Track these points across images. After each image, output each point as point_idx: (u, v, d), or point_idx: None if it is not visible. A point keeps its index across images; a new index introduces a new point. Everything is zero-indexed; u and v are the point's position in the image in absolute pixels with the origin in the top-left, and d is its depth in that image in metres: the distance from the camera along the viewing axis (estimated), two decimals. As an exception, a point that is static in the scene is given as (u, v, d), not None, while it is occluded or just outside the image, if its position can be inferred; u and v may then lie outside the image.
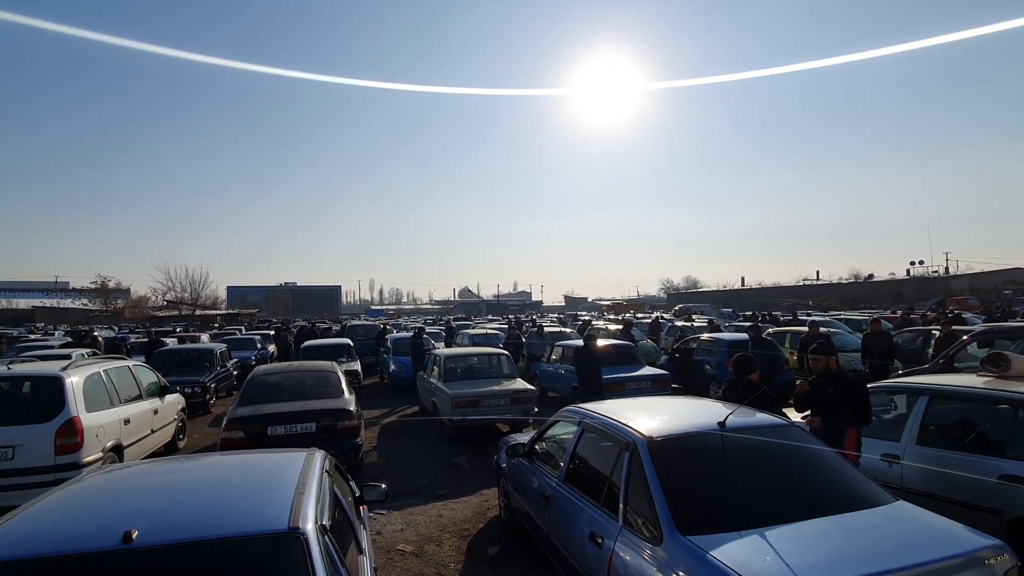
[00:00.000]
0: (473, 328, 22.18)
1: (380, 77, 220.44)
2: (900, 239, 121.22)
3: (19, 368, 6.43)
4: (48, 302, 71.41)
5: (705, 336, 13.22)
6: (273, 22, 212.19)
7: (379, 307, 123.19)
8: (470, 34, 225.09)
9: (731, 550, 2.55)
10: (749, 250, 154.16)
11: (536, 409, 9.01)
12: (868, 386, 4.83)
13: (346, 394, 7.43)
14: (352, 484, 3.74)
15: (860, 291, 65.81)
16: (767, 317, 25.47)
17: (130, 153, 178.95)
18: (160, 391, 8.34)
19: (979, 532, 2.81)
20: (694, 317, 28.84)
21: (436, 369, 9.94)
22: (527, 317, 41.77)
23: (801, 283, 78.81)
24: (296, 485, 2.32)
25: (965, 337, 9.12)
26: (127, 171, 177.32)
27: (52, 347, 15.87)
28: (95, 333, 20.93)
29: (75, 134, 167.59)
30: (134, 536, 1.85)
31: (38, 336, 25.78)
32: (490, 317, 49.71)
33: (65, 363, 6.66)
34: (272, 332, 23.35)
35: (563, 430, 4.56)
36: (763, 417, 3.65)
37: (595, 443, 3.84)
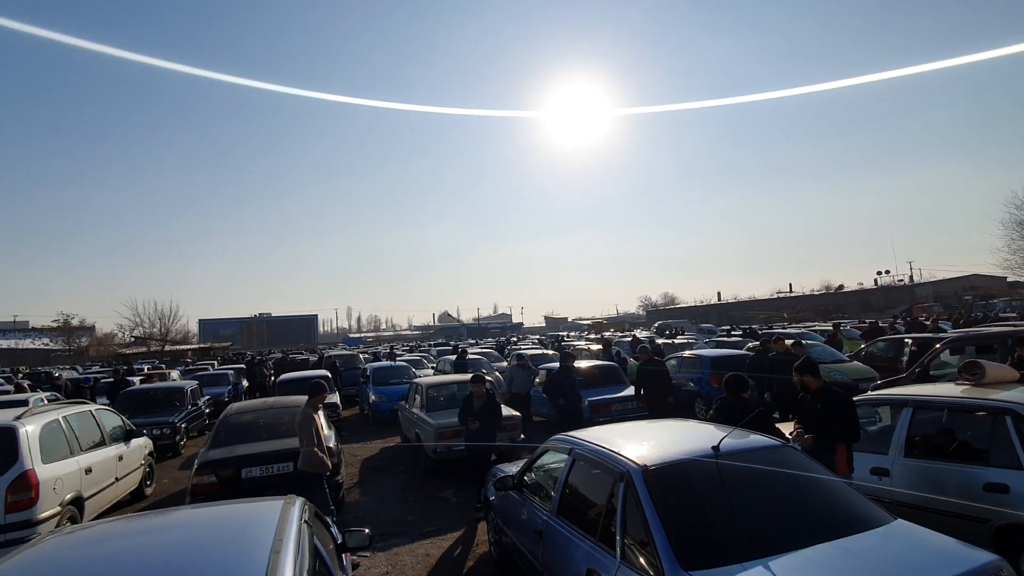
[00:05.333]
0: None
1: (352, 94, 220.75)
2: (866, 249, 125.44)
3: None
4: (5, 343, 68.36)
5: (687, 353, 13.24)
6: (241, 36, 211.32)
7: (357, 335, 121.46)
8: (443, 55, 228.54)
9: (736, 585, 2.44)
10: (724, 265, 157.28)
11: (522, 436, 8.83)
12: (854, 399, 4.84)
13: (325, 430, 7.14)
14: (333, 530, 3.54)
15: (831, 301, 67.61)
16: (757, 331, 25.47)
17: (91, 182, 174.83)
18: (125, 435, 7.93)
19: (977, 548, 2.79)
20: (681, 332, 28.67)
21: (418, 399, 9.69)
22: (507, 340, 41.54)
23: (775, 296, 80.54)
24: (272, 542, 2.14)
25: (938, 346, 9.31)
26: (88, 201, 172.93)
27: (9, 391, 15.07)
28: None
29: (32, 163, 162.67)
30: None
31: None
32: (472, 341, 49.24)
33: (20, 411, 6.26)
34: (243, 366, 22.64)
35: (552, 460, 4.42)
36: (757, 439, 3.58)
37: (587, 473, 3.71)
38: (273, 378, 18.08)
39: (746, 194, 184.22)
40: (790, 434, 4.77)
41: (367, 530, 3.48)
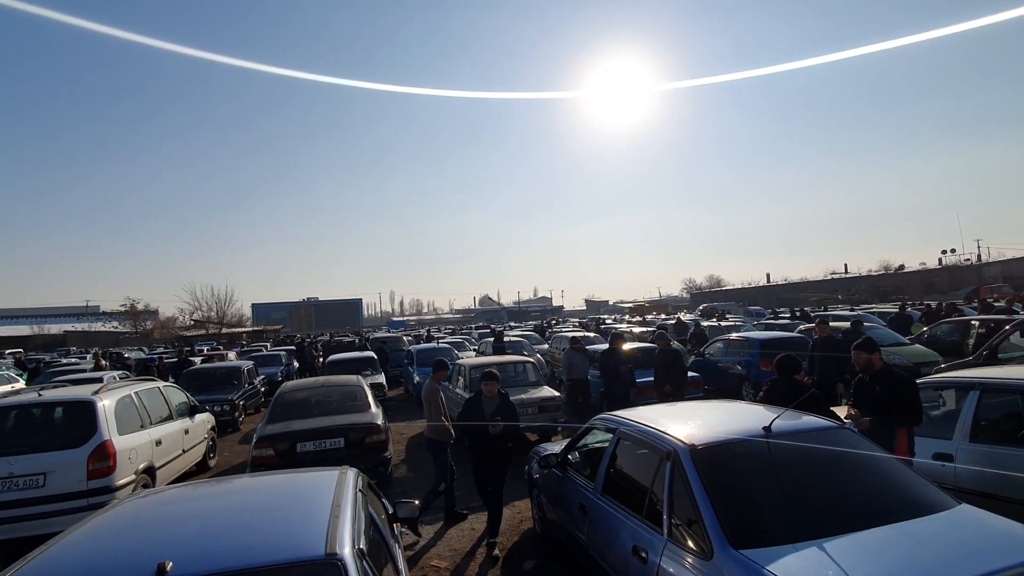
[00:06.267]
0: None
1: (395, 81, 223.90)
2: (930, 228, 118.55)
3: (50, 394, 6.51)
4: (79, 326, 73.40)
5: (734, 336, 12.92)
6: (286, 27, 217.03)
7: (400, 319, 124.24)
8: (483, 40, 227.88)
9: (788, 564, 2.40)
10: (773, 246, 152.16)
11: (564, 418, 8.87)
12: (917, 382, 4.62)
13: (373, 408, 7.40)
14: (384, 501, 3.68)
15: (891, 282, 64.10)
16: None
17: (154, 175, 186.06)
18: (190, 410, 8.42)
19: None
20: (728, 316, 27.95)
21: (461, 379, 9.88)
22: (547, 322, 41.52)
23: (829, 277, 77.02)
24: (331, 507, 2.25)
25: (1007, 327, 8.77)
26: (152, 192, 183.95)
27: (84, 371, 16.24)
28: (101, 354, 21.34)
29: (99, 159, 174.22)
30: (169, 568, 1.79)
31: (72, 360, 26.36)
32: (511, 324, 49.49)
33: (97, 387, 6.74)
34: (294, 348, 23.58)
35: (597, 439, 4.43)
36: (810, 420, 3.48)
37: (633, 452, 3.70)
38: (322, 359, 18.83)
39: (794, 173, 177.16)
40: (846, 417, 4.61)
41: (416, 502, 3.60)
